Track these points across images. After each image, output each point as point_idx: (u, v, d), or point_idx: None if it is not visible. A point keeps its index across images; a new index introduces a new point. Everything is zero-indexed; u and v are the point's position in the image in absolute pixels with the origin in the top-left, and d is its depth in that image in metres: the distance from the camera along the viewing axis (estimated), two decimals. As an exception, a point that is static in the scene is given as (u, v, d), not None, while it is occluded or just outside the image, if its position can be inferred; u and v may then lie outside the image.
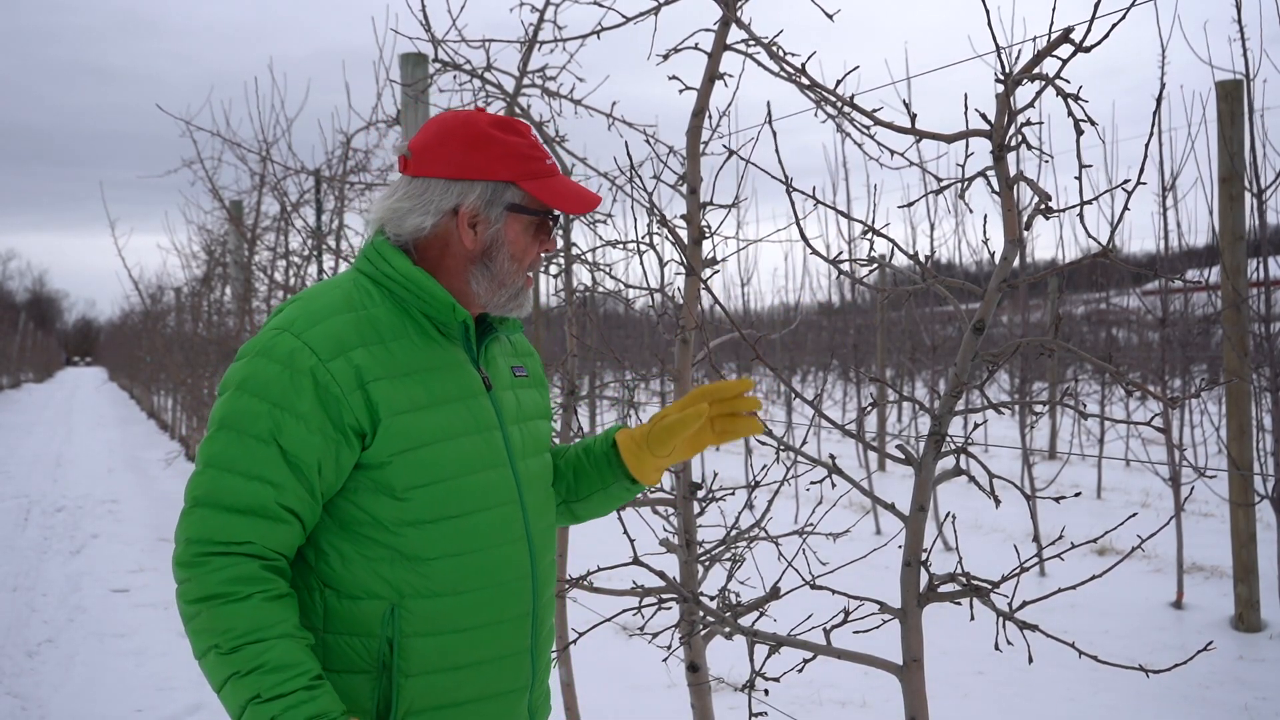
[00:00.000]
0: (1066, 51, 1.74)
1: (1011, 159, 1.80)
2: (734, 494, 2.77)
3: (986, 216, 2.22)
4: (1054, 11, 1.89)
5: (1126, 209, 1.80)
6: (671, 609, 2.90)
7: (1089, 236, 1.76)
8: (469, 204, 1.74)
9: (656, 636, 2.59)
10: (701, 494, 2.60)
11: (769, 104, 2.19)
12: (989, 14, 1.82)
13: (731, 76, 2.51)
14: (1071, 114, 1.75)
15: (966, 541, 7.50)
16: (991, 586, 1.84)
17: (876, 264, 2.26)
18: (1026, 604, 1.95)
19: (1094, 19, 1.72)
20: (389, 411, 1.64)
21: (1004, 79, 1.76)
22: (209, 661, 1.57)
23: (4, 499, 11.40)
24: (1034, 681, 5.00)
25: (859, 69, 2.46)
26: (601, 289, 3.69)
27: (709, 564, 2.57)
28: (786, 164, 2.08)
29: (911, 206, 2.34)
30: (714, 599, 2.34)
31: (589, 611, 4.69)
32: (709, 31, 2.50)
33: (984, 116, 1.80)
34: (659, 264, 2.94)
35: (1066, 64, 1.74)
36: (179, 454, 14.65)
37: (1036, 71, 1.75)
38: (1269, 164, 5.93)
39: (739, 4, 2.43)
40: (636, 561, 2.43)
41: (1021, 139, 1.78)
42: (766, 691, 2.16)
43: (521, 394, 1.88)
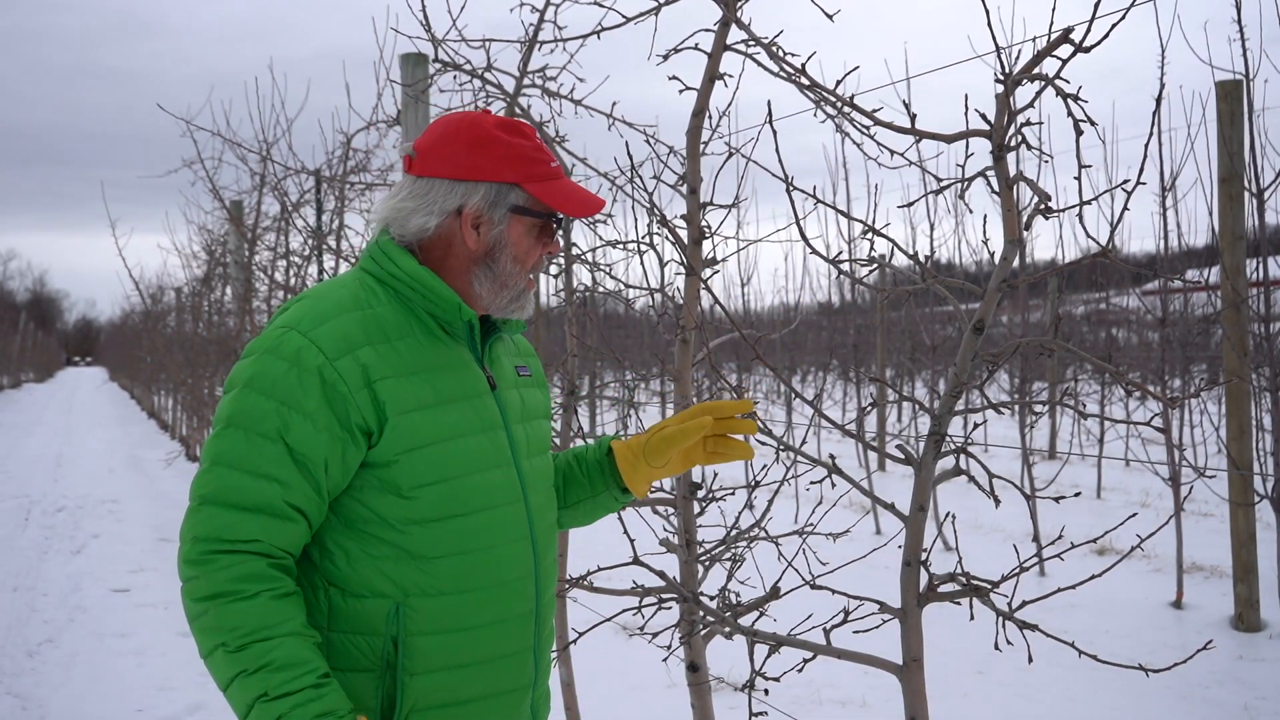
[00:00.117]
0: (1066, 52, 1.74)
1: (1011, 159, 1.80)
2: (734, 494, 2.77)
3: (986, 216, 2.22)
4: (1054, 12, 1.89)
5: (1126, 209, 1.81)
6: (671, 609, 2.90)
7: (1089, 236, 1.77)
8: (472, 205, 1.74)
9: (656, 636, 2.59)
10: (701, 494, 2.60)
11: (769, 104, 2.19)
12: (989, 14, 1.82)
13: (731, 76, 2.52)
14: (1071, 114, 1.75)
15: (966, 541, 7.50)
16: (991, 586, 1.84)
17: (876, 264, 2.26)
18: (1026, 604, 1.95)
19: (1094, 19, 1.72)
20: (396, 410, 1.65)
21: (1004, 79, 1.76)
22: (215, 659, 1.57)
23: (4, 499, 11.40)
24: (1034, 681, 5.00)
25: (859, 69, 2.46)
26: (601, 289, 3.69)
27: (709, 564, 2.57)
28: (786, 164, 2.08)
29: (911, 206, 2.34)
30: (714, 599, 2.34)
31: (589, 611, 4.69)
32: (709, 32, 2.50)
33: (984, 116, 1.80)
34: (659, 264, 2.95)
35: (1066, 64, 1.74)
36: (179, 454, 14.65)
37: (1036, 72, 1.75)
38: (1269, 164, 5.94)
39: (739, 4, 2.44)
40: (636, 561, 2.43)
41: (1021, 139, 1.78)
42: (766, 691, 2.16)
43: (525, 393, 1.89)
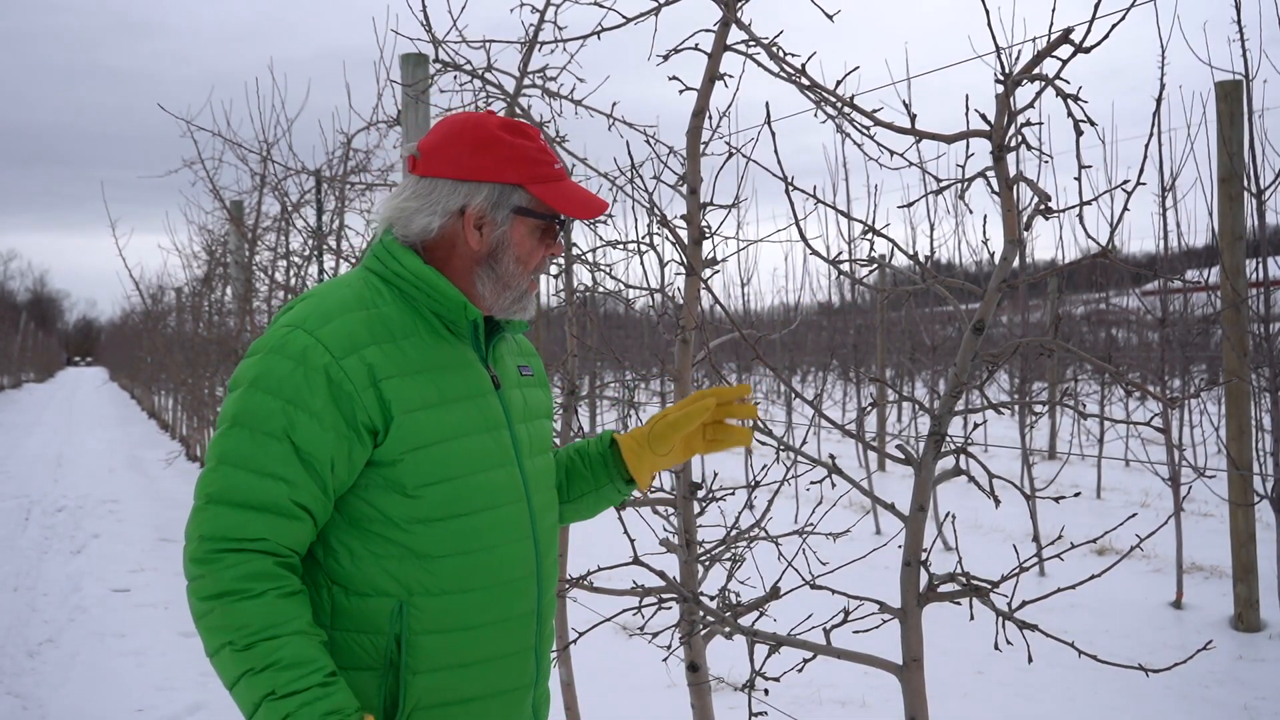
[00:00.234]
0: (1066, 52, 1.74)
1: (1011, 159, 1.80)
2: (734, 494, 2.77)
3: (986, 217, 2.22)
4: (1054, 12, 1.89)
5: (1126, 209, 1.81)
6: (671, 609, 2.90)
7: (1089, 237, 1.77)
8: (475, 205, 1.74)
9: (656, 636, 2.59)
10: (701, 494, 2.60)
11: (769, 104, 2.19)
12: (989, 14, 1.82)
13: (731, 77, 2.52)
14: (1071, 114, 1.75)
15: (966, 541, 7.50)
16: (991, 586, 1.84)
17: (876, 264, 2.26)
18: (1026, 604, 1.95)
19: (1094, 19, 1.72)
20: (401, 409, 1.65)
21: (1004, 79, 1.76)
22: (222, 658, 1.57)
23: (4, 499, 11.40)
24: (1034, 681, 5.01)
25: (859, 69, 2.46)
26: (601, 289, 3.69)
27: (709, 564, 2.58)
28: (786, 164, 2.08)
29: (911, 207, 2.34)
30: (714, 599, 2.35)
31: (589, 611, 4.69)
32: (709, 32, 2.51)
33: (984, 117, 1.80)
34: (659, 264, 2.95)
35: (1066, 64, 1.74)
36: (180, 454, 14.65)
37: (1036, 72, 1.75)
38: (1268, 164, 5.94)
39: (739, 4, 2.44)
40: (636, 561, 2.43)
41: (1021, 139, 1.78)
42: (766, 691, 2.16)
43: (527, 393, 1.89)
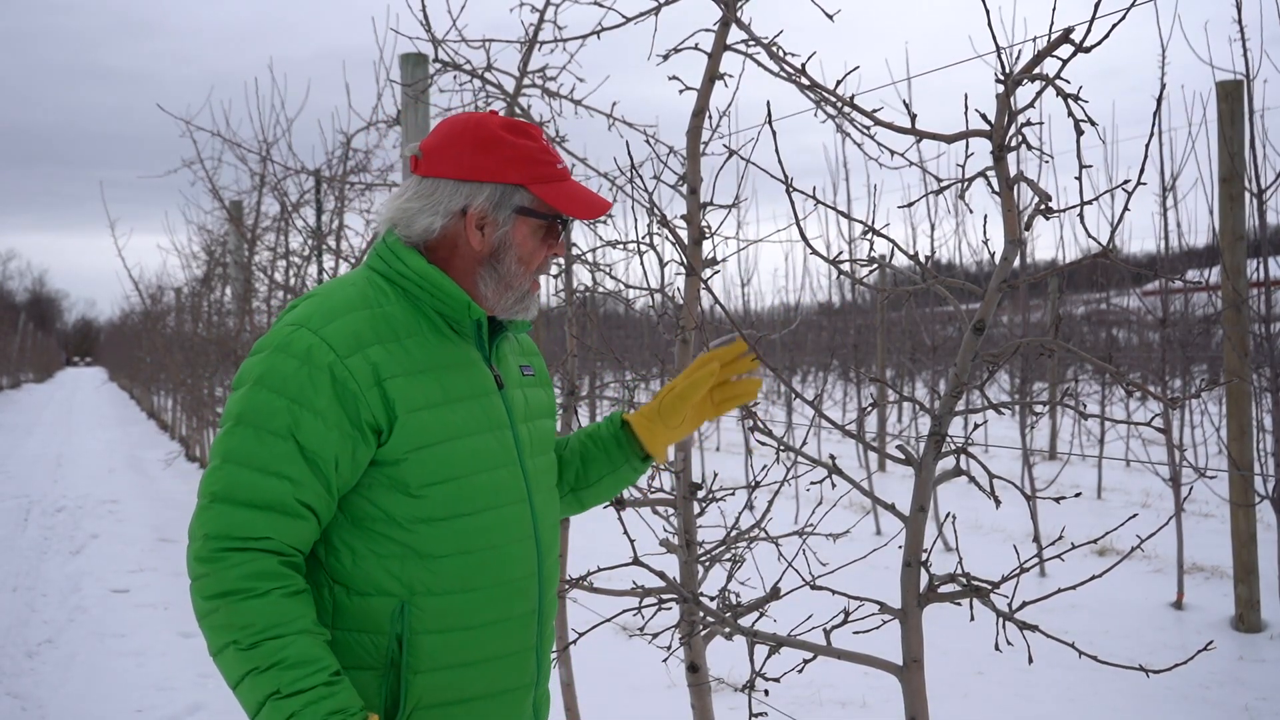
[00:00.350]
0: (1066, 52, 1.74)
1: (1012, 159, 1.80)
2: (734, 494, 2.77)
3: (987, 216, 2.22)
4: (1054, 12, 1.89)
5: (1126, 209, 1.80)
6: (671, 609, 2.90)
7: (1089, 237, 1.76)
8: (477, 205, 1.74)
9: (656, 637, 2.59)
10: (701, 494, 2.60)
11: (769, 104, 2.19)
12: (989, 14, 1.82)
13: (731, 77, 2.51)
14: (1071, 114, 1.75)
15: (966, 542, 7.49)
16: (991, 587, 1.84)
17: (876, 264, 2.25)
18: (1026, 604, 1.94)
19: (1094, 19, 1.72)
20: (405, 409, 1.65)
21: (1004, 79, 1.76)
22: (226, 657, 1.57)
23: (4, 499, 11.39)
24: (1034, 682, 5.00)
25: (859, 69, 2.45)
26: (601, 289, 3.69)
27: (709, 564, 2.57)
28: (786, 164, 2.07)
29: (912, 207, 2.34)
30: (714, 599, 2.34)
31: (589, 612, 4.68)
32: (709, 32, 2.50)
33: (984, 117, 1.80)
34: (659, 264, 2.94)
35: (1067, 64, 1.74)
36: (179, 454, 14.65)
37: (1037, 72, 1.75)
38: (1269, 164, 5.94)
39: (739, 4, 2.43)
40: (636, 562, 2.43)
41: (1022, 139, 1.78)
42: (766, 692, 2.16)
43: (529, 392, 1.90)
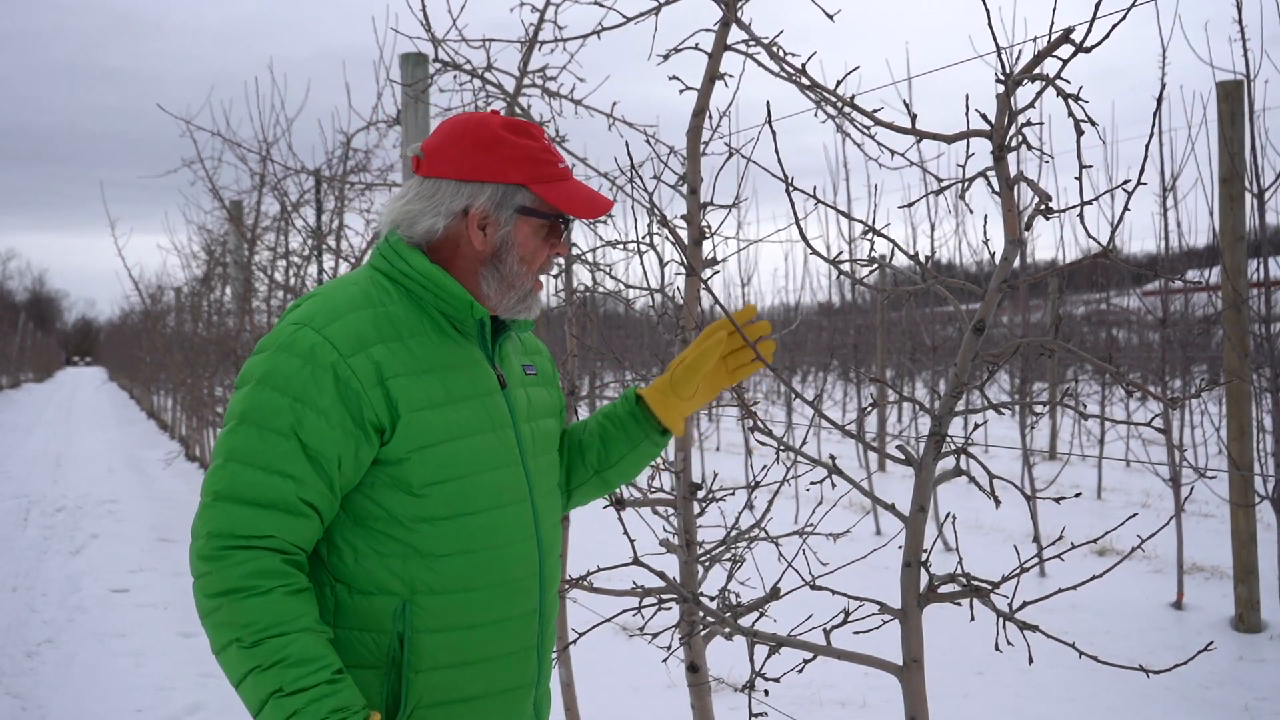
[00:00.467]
0: (1067, 52, 1.74)
1: (1012, 159, 1.80)
2: (734, 494, 2.77)
3: (987, 217, 2.22)
4: (1054, 12, 1.89)
5: (1127, 209, 1.80)
6: (671, 609, 2.90)
7: (1089, 237, 1.76)
8: (479, 206, 1.75)
9: (656, 637, 2.59)
10: (701, 494, 2.60)
11: (769, 104, 2.18)
12: (989, 14, 1.82)
13: (732, 77, 2.51)
14: (1072, 114, 1.75)
15: (966, 542, 7.49)
16: (992, 587, 1.84)
17: (876, 264, 2.25)
18: (1026, 604, 1.94)
19: (1094, 19, 1.71)
20: (408, 408, 1.66)
21: (1004, 79, 1.76)
22: (229, 655, 1.57)
23: (4, 499, 11.39)
24: (1034, 682, 5.00)
25: (859, 69, 2.45)
26: (601, 289, 3.69)
27: (709, 564, 2.57)
28: (786, 164, 2.07)
29: (912, 207, 2.34)
30: (714, 599, 2.34)
31: (589, 612, 4.68)
32: (709, 32, 2.50)
33: (984, 117, 1.80)
34: (659, 264, 2.94)
35: (1067, 64, 1.74)
36: (179, 454, 14.65)
37: (1037, 72, 1.75)
38: (1269, 164, 5.94)
39: (739, 4, 2.43)
40: (636, 562, 2.43)
41: (1022, 139, 1.78)
42: (766, 692, 2.16)
43: (532, 392, 1.90)
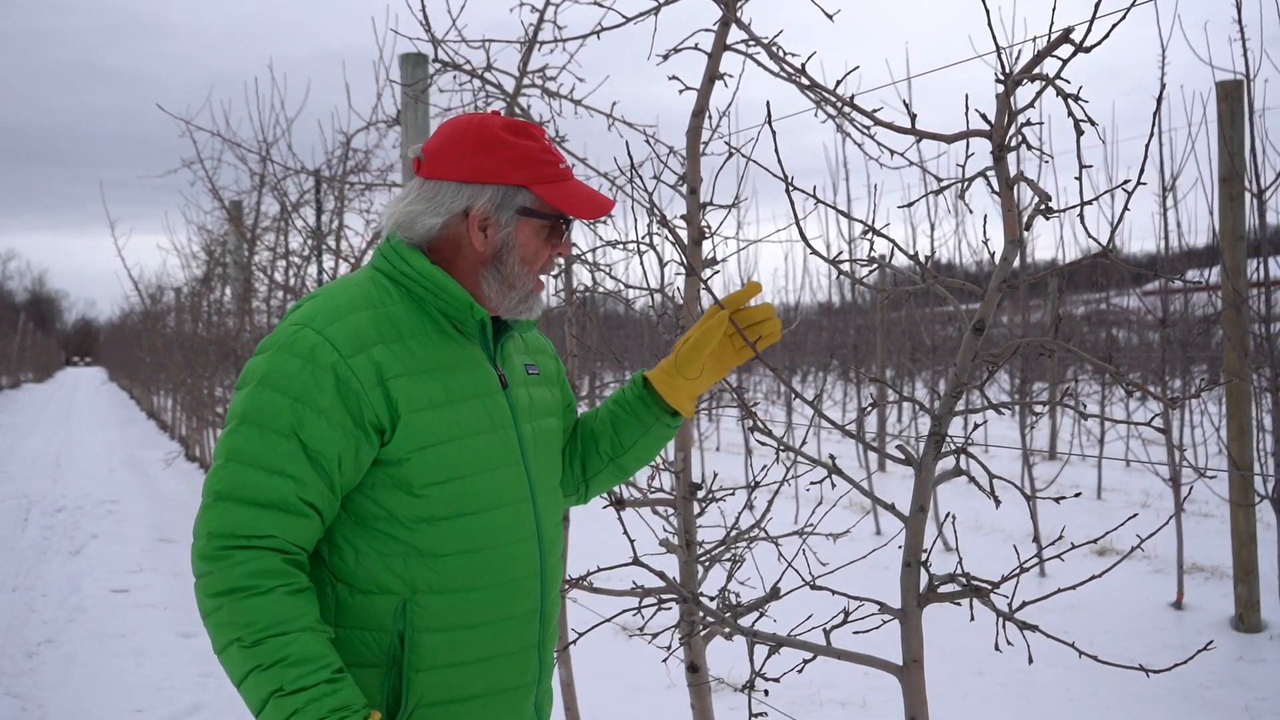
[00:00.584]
0: (1066, 52, 1.73)
1: (1012, 159, 1.80)
2: (734, 494, 2.77)
3: (986, 216, 2.22)
4: (1054, 12, 1.89)
5: (1126, 209, 1.80)
6: (671, 609, 2.90)
7: (1089, 237, 1.76)
8: (479, 207, 1.75)
9: (656, 637, 2.59)
10: (701, 494, 2.60)
11: (769, 104, 2.18)
12: (989, 14, 1.82)
13: (731, 77, 2.51)
14: (1072, 114, 1.75)
15: (966, 542, 7.49)
16: (991, 587, 1.84)
17: (876, 264, 2.25)
18: (1026, 604, 1.94)
19: (1094, 19, 1.71)
20: (408, 409, 1.66)
21: (1004, 79, 1.76)
22: (230, 655, 1.58)
23: (4, 499, 11.39)
24: (1034, 682, 5.00)
25: (859, 69, 2.46)
26: (601, 289, 3.69)
27: (709, 564, 2.57)
28: (786, 164, 2.07)
29: (911, 206, 2.34)
30: (714, 599, 2.34)
31: (589, 612, 4.69)
32: (709, 32, 2.50)
33: (984, 117, 1.80)
34: (659, 264, 2.95)
35: (1067, 64, 1.74)
36: (179, 454, 14.65)
37: (1037, 72, 1.75)
38: (1269, 164, 5.94)
39: (739, 4, 2.43)
40: (636, 562, 2.43)
41: (1021, 139, 1.78)
42: (766, 692, 2.16)
43: (534, 391, 1.90)
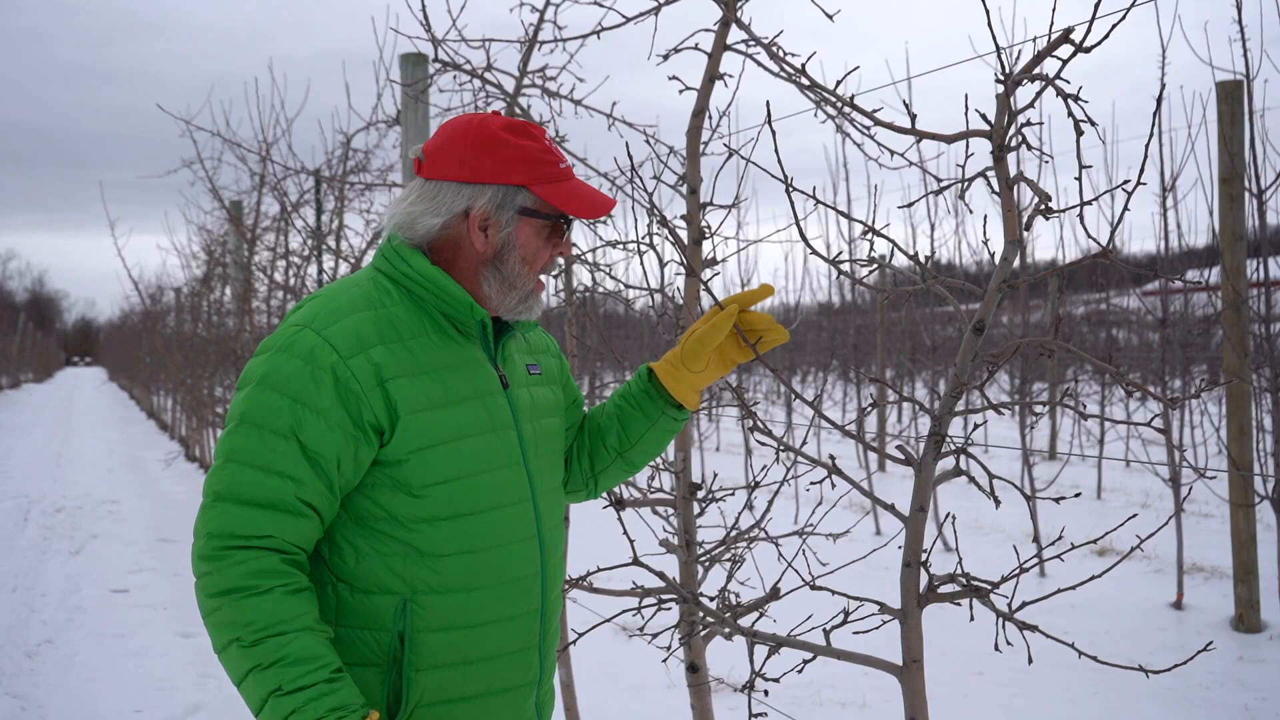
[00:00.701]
0: (1066, 52, 1.74)
1: (1011, 159, 1.80)
2: (734, 494, 2.77)
3: (986, 217, 2.21)
4: (1054, 12, 1.89)
5: (1126, 209, 1.80)
6: (671, 609, 2.90)
7: (1089, 237, 1.76)
8: (479, 207, 1.75)
9: (656, 637, 2.59)
10: (701, 494, 2.60)
11: (769, 104, 2.18)
12: (989, 14, 1.82)
13: (731, 77, 2.52)
14: (1071, 114, 1.75)
15: (966, 542, 7.49)
16: (991, 587, 1.84)
17: (876, 264, 2.25)
18: (1026, 604, 1.94)
19: (1094, 19, 1.71)
20: (407, 409, 1.67)
21: (1004, 79, 1.76)
22: (230, 655, 1.58)
23: (4, 499, 11.39)
24: (1034, 682, 5.00)
25: (859, 69, 2.45)
26: (601, 289, 3.69)
27: (709, 564, 2.57)
28: (786, 164, 2.07)
29: (911, 207, 2.34)
30: (714, 599, 2.34)
31: (589, 612, 4.69)
32: (709, 32, 2.50)
33: (984, 117, 1.80)
34: (659, 264, 2.95)
35: (1066, 64, 1.74)
36: (179, 454, 14.65)
37: (1037, 72, 1.75)
38: (1269, 164, 5.94)
39: (739, 4, 2.44)
40: (636, 562, 2.43)
41: (1021, 139, 1.78)
42: (766, 692, 2.16)
43: (535, 391, 1.89)
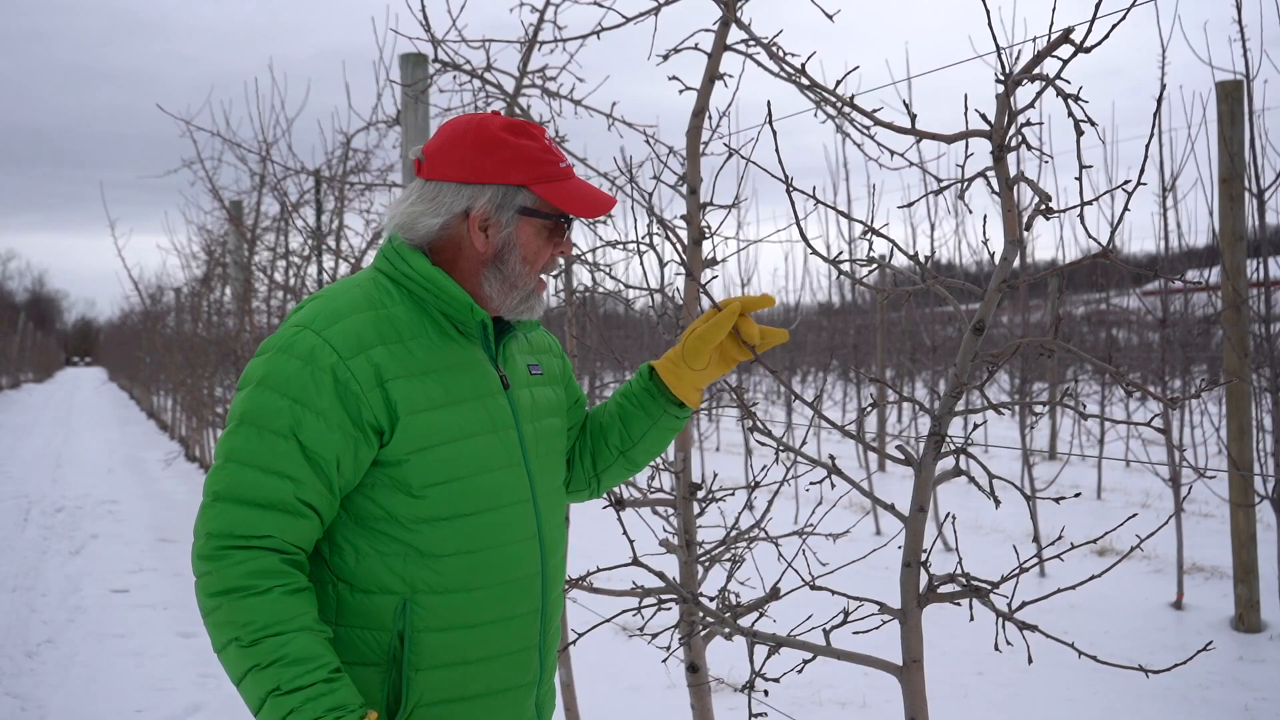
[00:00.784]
0: (1066, 52, 1.74)
1: (1011, 159, 1.80)
2: (734, 494, 2.77)
3: (986, 217, 2.21)
4: (1054, 12, 1.89)
5: (1126, 209, 1.80)
6: (671, 609, 2.90)
7: (1089, 237, 1.76)
8: (479, 207, 1.75)
9: (656, 637, 2.59)
10: (701, 494, 2.60)
11: (769, 104, 2.18)
12: (989, 14, 1.82)
13: (731, 77, 2.52)
14: (1072, 114, 1.75)
15: (966, 542, 7.49)
16: (991, 587, 1.84)
17: (876, 264, 2.25)
18: (1026, 604, 1.94)
19: (1094, 19, 1.72)
20: (407, 410, 1.67)
21: (1004, 79, 1.76)
22: (229, 654, 1.59)
23: (4, 499, 11.39)
24: (1034, 682, 5.00)
25: (859, 69, 2.45)
26: (601, 289, 3.69)
27: (709, 564, 2.57)
28: (786, 164, 2.07)
29: (911, 207, 2.34)
30: (714, 599, 2.34)
31: (589, 612, 4.69)
32: (709, 32, 2.51)
33: (984, 117, 1.80)
34: (659, 264, 2.95)
35: (1067, 64, 1.74)
36: (179, 454, 14.65)
37: (1037, 72, 1.75)
38: (1269, 164, 5.94)
39: (739, 4, 2.44)
40: (636, 562, 2.43)
41: (1021, 139, 1.78)
42: (766, 692, 2.16)
43: (536, 391, 1.89)
